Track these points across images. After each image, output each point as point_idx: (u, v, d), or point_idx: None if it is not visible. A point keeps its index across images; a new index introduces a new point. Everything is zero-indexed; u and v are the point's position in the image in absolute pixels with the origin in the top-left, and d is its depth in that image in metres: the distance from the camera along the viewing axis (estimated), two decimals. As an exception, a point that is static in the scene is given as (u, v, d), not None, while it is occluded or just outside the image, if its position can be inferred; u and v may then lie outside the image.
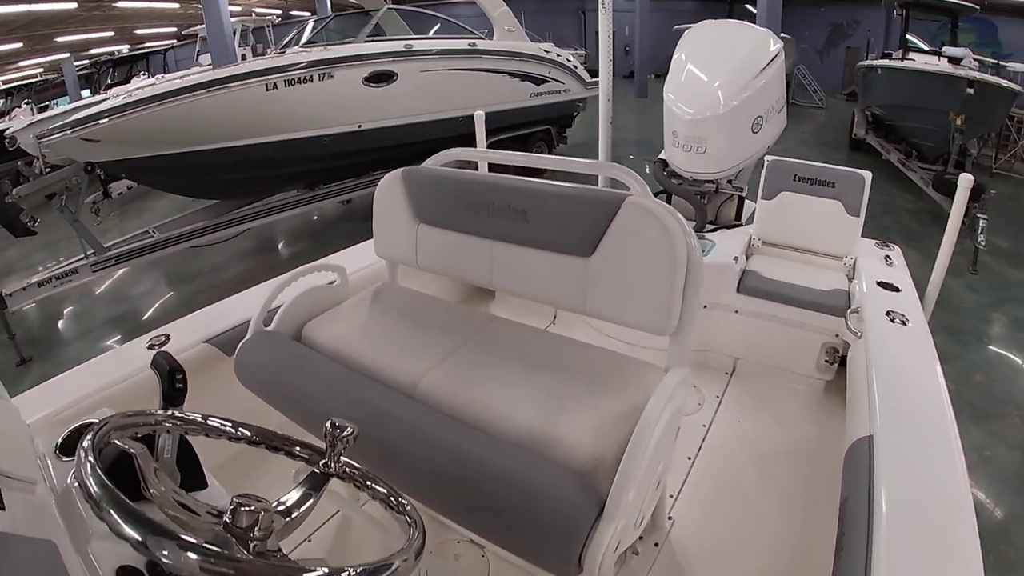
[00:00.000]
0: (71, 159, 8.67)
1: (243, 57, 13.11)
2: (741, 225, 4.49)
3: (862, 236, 3.89)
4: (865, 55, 19.01)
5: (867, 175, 3.82)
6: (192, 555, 0.82)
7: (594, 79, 10.80)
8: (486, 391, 1.99)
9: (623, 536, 1.62)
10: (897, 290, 3.29)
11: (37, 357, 7.27)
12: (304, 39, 9.96)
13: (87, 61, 25.63)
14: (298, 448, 1.39)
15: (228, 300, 3.11)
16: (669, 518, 2.68)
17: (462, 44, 10.33)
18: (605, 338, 3.89)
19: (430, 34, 11.01)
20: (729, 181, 4.48)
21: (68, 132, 7.55)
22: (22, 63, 24.50)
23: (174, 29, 25.58)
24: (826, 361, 3.52)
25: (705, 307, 3.76)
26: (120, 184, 11.02)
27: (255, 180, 9.02)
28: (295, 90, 8.38)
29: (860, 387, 2.60)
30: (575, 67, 11.93)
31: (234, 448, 1.42)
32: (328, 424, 1.24)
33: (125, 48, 25.60)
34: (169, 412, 1.24)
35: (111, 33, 23.11)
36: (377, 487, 1.34)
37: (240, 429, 1.32)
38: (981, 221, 4.97)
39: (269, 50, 11.36)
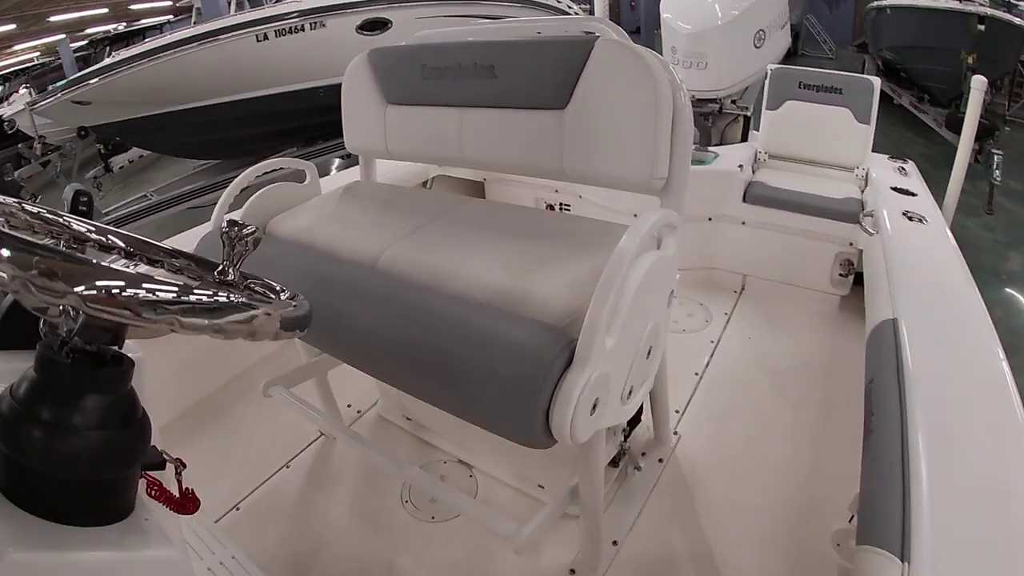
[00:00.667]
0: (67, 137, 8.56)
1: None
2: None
3: (873, 152, 3.73)
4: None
5: (876, 80, 3.66)
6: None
7: (593, 30, 10.53)
8: (452, 258, 1.79)
9: (601, 394, 1.43)
10: (913, 195, 3.13)
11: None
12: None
13: (84, 42, 25.45)
14: (187, 261, 1.16)
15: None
16: (675, 433, 2.55)
17: (458, -10, 10.07)
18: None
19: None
20: (733, 101, 4.31)
21: (59, 95, 7.48)
22: (17, 47, 24.45)
23: (169, 3, 25.35)
24: (840, 275, 3.35)
25: (710, 219, 3.59)
26: (121, 158, 11.02)
27: (251, 137, 8.86)
28: (287, 40, 8.20)
29: (879, 276, 2.45)
30: (576, 14, 11.52)
31: None
32: (224, 224, 1.05)
33: (122, 26, 25.39)
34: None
35: (105, 10, 22.94)
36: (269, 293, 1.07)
37: (109, 236, 1.09)
38: (996, 157, 4.81)
39: (267, 3, 11.14)
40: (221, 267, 1.04)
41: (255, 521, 2.31)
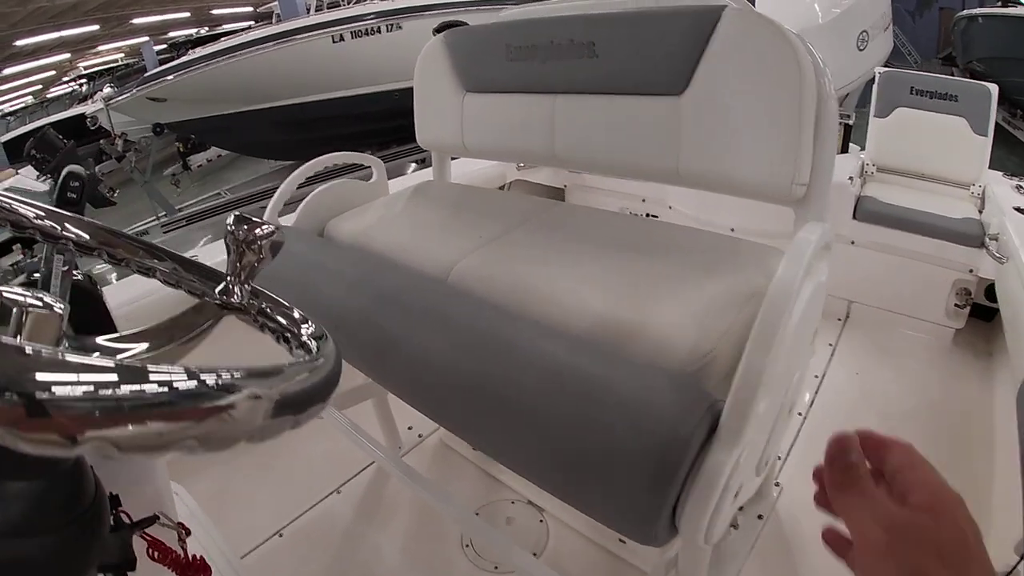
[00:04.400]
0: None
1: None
2: None
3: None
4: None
5: (993, 87, 3.26)
6: None
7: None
8: (540, 275, 1.43)
9: (745, 478, 1.06)
10: None
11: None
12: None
13: (166, 45, 26.13)
14: (195, 275, 0.87)
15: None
16: (776, 484, 2.18)
17: (538, -4, 9.76)
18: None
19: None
20: None
21: (135, 91, 7.50)
22: (102, 47, 25.15)
23: (250, 9, 25.81)
24: (956, 305, 2.92)
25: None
26: (199, 156, 11.20)
27: (325, 139, 8.73)
28: (363, 42, 8.07)
29: (1020, 316, 2.09)
30: None
31: None
32: (230, 221, 0.75)
33: (203, 30, 25.98)
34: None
35: (187, 14, 23.42)
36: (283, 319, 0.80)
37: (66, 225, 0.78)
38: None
39: (344, 5, 11.15)
40: (224, 283, 0.77)
41: (298, 550, 2.07)
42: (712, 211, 2.99)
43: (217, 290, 0.77)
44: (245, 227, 0.73)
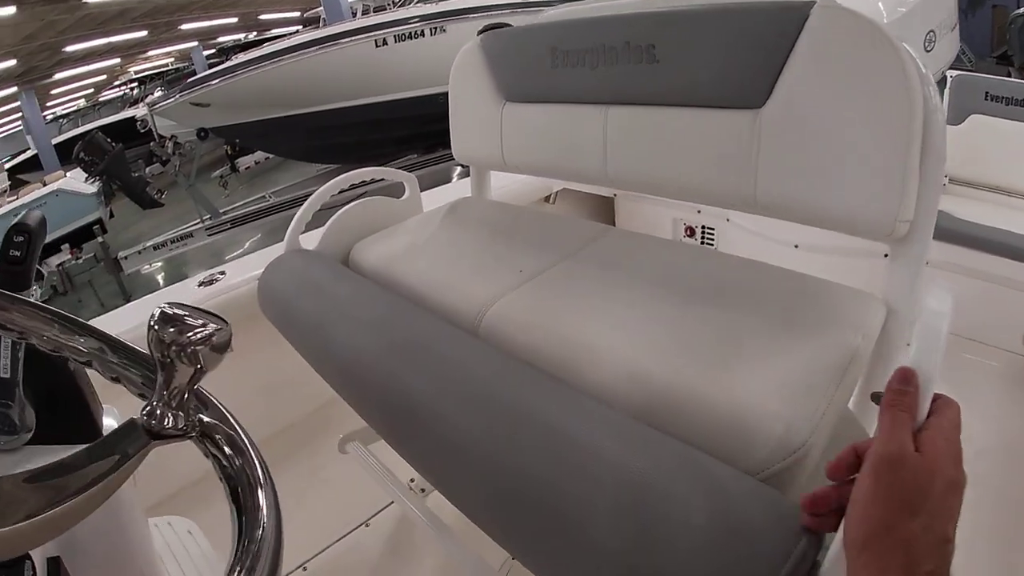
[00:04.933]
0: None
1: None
2: None
3: None
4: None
5: None
6: None
7: None
8: (588, 327, 1.20)
9: None
10: None
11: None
12: (418, -3, 9.52)
13: (215, 49, 26.47)
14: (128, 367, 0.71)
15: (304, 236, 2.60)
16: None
17: (584, -4, 9.57)
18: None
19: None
20: None
21: (178, 97, 7.52)
22: (151, 52, 25.53)
23: (297, 14, 26.00)
24: None
25: (886, 256, 2.83)
26: (247, 159, 11.26)
27: (370, 143, 8.72)
28: (406, 46, 7.96)
29: None
30: None
31: None
32: (153, 318, 0.58)
33: (252, 35, 26.25)
34: None
35: (235, 20, 23.66)
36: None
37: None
38: None
39: (390, 8, 11.11)
40: (149, 406, 0.59)
41: None
42: (775, 225, 2.73)
43: (142, 414, 0.59)
44: (172, 328, 0.56)
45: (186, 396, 0.60)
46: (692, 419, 0.96)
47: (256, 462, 0.61)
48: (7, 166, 19.38)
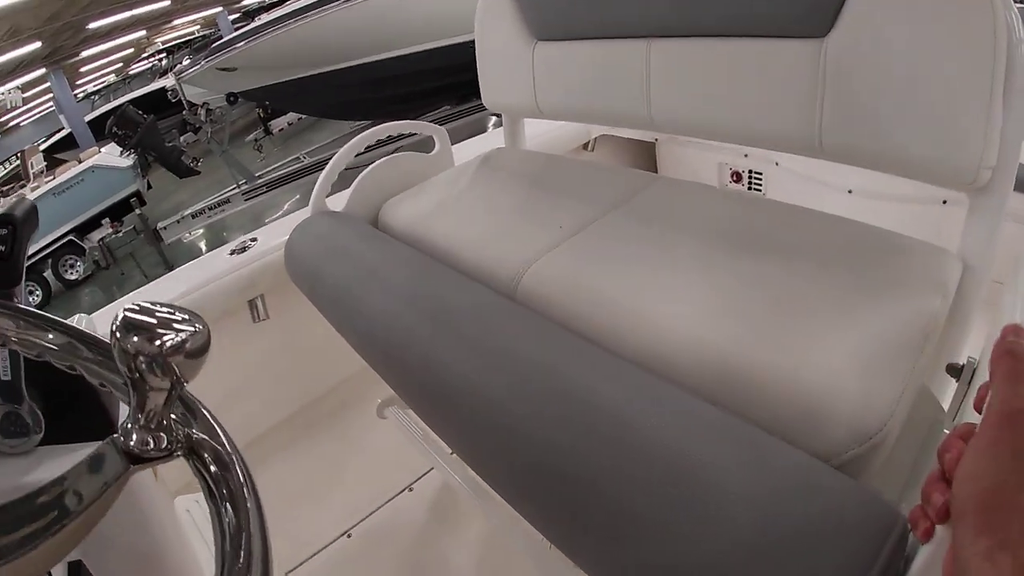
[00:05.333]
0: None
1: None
2: None
3: None
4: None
5: None
6: None
7: None
8: (636, 290, 1.08)
9: None
10: None
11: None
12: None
13: (240, 13, 26.35)
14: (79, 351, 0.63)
15: (331, 198, 2.52)
16: None
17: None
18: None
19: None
20: None
21: (203, 64, 7.48)
22: (176, 21, 25.53)
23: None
24: None
25: (944, 203, 2.38)
26: (280, 120, 11.28)
27: (402, 96, 8.59)
28: (435, -7, 7.74)
29: None
30: None
31: None
32: (115, 324, 0.48)
33: (275, -3, 26.16)
34: None
35: (256, -20, 23.58)
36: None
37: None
38: None
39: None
40: (121, 428, 0.51)
41: (367, 554, 1.92)
42: (828, 168, 2.49)
43: (119, 435, 0.51)
44: (136, 337, 0.47)
45: (164, 414, 0.51)
46: (753, 395, 0.85)
47: (244, 482, 0.52)
48: (43, 147, 19.58)
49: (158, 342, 0.47)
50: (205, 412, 0.59)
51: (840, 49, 1.08)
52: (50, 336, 0.60)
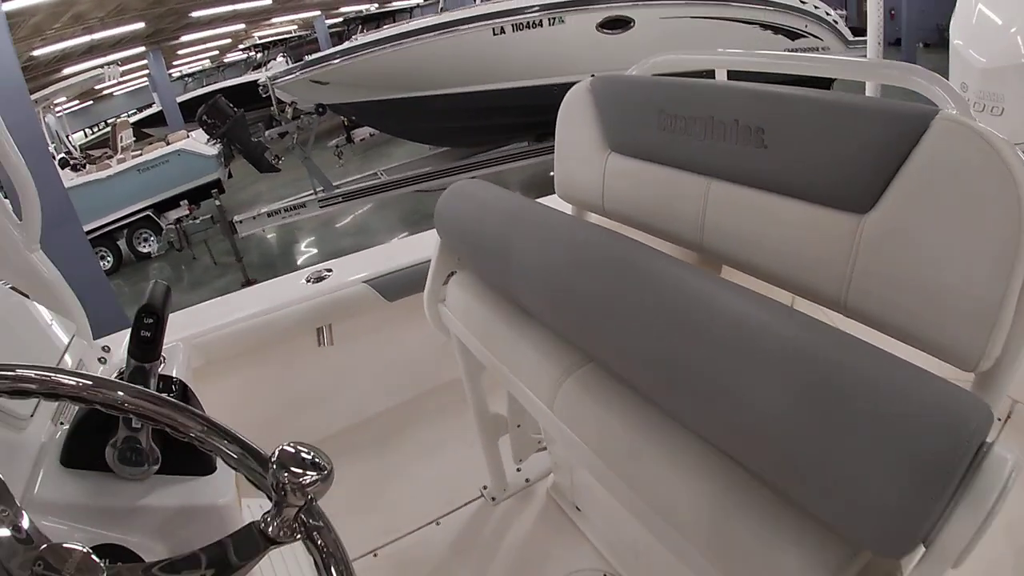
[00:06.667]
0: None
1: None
2: None
3: None
4: None
5: None
6: None
7: (856, 38, 9.55)
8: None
9: None
10: None
11: (262, 279, 7.87)
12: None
13: (340, 19, 27.06)
14: (246, 460, 0.82)
15: (405, 240, 2.74)
16: None
17: (707, -10, 9.33)
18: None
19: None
20: None
21: (298, 74, 7.82)
22: (275, 20, 26.26)
23: (419, -12, 26.29)
24: None
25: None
26: (363, 131, 11.62)
27: (483, 129, 8.86)
28: (524, 35, 8.03)
29: None
30: (835, 22, 9.92)
31: None
32: (274, 457, 0.70)
33: (374, 7, 26.67)
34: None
35: (358, -10, 24.15)
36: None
37: (139, 399, 0.80)
38: None
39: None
40: (265, 517, 0.73)
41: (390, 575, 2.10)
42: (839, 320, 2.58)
43: (262, 522, 0.73)
44: (286, 473, 0.69)
45: (295, 517, 0.72)
46: None
47: (345, 564, 0.73)
48: (133, 120, 20.29)
49: (303, 478, 0.69)
50: (323, 515, 0.76)
51: (877, 227, 1.19)
52: (226, 441, 0.80)
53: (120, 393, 0.78)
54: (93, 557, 0.64)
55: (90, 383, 0.78)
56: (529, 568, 2.09)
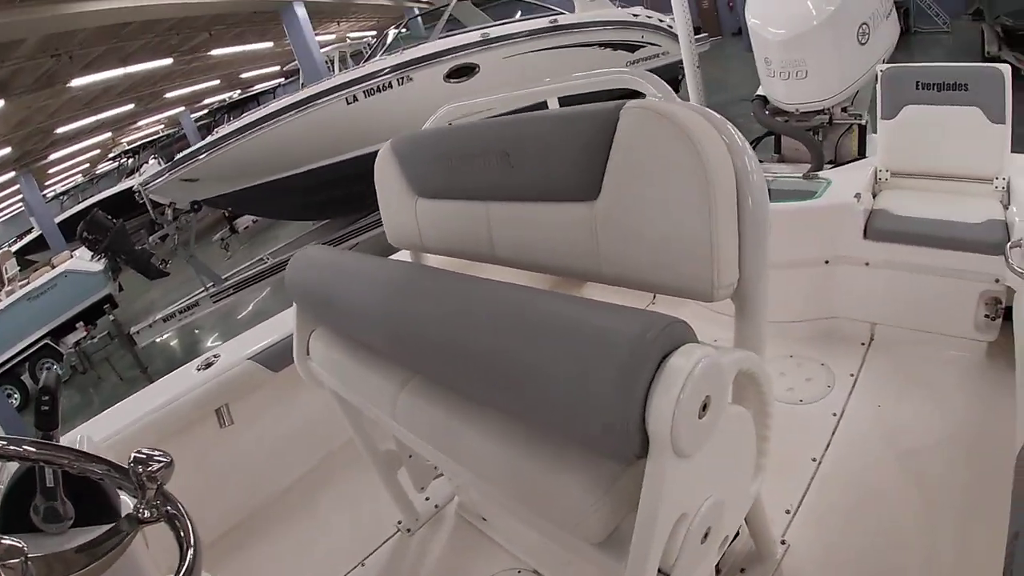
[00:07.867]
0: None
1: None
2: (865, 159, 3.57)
3: (1012, 151, 2.96)
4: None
5: (1006, 68, 2.90)
6: None
7: (696, 35, 10.15)
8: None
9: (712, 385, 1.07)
10: None
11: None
12: (383, 48, 9.78)
13: (203, 112, 26.88)
14: (110, 473, 1.06)
15: (280, 315, 2.93)
16: (782, 542, 2.06)
17: (542, 22, 9.72)
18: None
19: (512, 19, 10.43)
20: (844, 109, 3.63)
21: (168, 176, 7.86)
22: (141, 122, 25.95)
23: (277, 68, 26.36)
24: (986, 316, 2.68)
25: (827, 263, 3.01)
26: (245, 219, 11.59)
27: (353, 196, 8.97)
28: (376, 99, 8.32)
29: None
30: (669, 27, 10.27)
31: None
32: (130, 461, 0.96)
33: (236, 93, 26.58)
34: None
35: (217, 81, 23.99)
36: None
37: (23, 446, 1.03)
38: None
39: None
40: (137, 504, 0.97)
41: None
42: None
43: (134, 511, 0.98)
44: (141, 468, 0.95)
45: (157, 500, 0.97)
46: None
47: (192, 534, 0.96)
48: (15, 248, 19.69)
49: (150, 468, 0.94)
50: (176, 500, 1.00)
51: (605, 209, 1.44)
52: (94, 465, 1.02)
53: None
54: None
55: None
56: None
